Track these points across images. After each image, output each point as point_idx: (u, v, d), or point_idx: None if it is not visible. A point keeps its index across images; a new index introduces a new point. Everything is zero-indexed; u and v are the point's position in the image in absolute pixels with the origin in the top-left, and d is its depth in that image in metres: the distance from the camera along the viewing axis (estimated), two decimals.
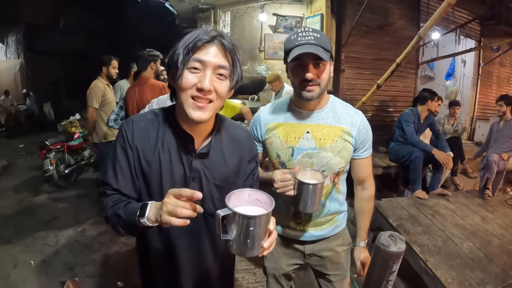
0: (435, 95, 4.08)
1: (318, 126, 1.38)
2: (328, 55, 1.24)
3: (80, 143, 5.56)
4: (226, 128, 1.13)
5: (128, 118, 1.10)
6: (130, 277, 2.84)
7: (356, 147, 1.42)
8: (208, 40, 0.92)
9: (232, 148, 1.12)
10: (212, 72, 0.93)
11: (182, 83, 0.93)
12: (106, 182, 1.02)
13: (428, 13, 5.23)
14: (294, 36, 1.26)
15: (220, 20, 6.51)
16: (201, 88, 0.92)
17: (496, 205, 3.55)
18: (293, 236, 1.52)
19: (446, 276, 2.29)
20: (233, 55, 0.96)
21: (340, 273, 1.58)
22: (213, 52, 0.93)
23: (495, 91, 6.90)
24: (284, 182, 1.24)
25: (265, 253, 0.85)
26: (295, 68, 1.29)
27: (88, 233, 3.72)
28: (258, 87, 6.85)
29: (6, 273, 2.94)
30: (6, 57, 14.08)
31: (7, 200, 4.72)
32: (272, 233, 0.86)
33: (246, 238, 0.78)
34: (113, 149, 1.04)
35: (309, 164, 1.38)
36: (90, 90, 3.80)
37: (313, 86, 1.27)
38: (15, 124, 10.56)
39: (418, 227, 2.98)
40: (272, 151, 1.44)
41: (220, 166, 1.08)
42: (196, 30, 0.95)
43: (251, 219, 0.77)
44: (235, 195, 0.86)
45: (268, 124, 1.45)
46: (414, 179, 3.83)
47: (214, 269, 1.19)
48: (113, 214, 0.95)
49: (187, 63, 0.92)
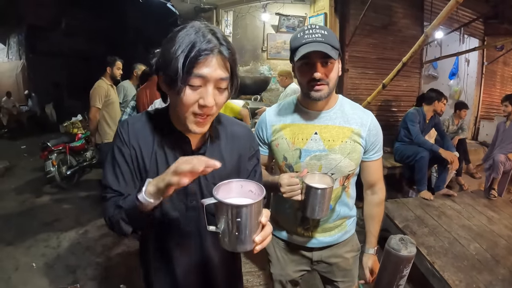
0: (442, 96, 4.05)
1: (326, 127, 1.33)
2: (336, 53, 1.20)
3: (82, 144, 5.55)
4: (223, 126, 1.10)
5: (123, 120, 1.08)
6: (132, 279, 2.81)
7: (367, 149, 1.37)
8: (208, 53, 0.85)
9: (231, 146, 1.09)
10: (213, 86, 0.89)
11: (184, 100, 0.88)
12: (107, 185, 0.99)
13: (432, 12, 5.18)
14: (301, 34, 1.21)
15: (223, 20, 6.48)
16: (204, 105, 0.88)
17: (502, 206, 3.52)
18: (300, 242, 1.47)
19: (454, 278, 2.26)
20: (233, 64, 0.92)
21: (348, 279, 1.53)
22: (214, 64, 0.86)
23: (499, 90, 6.85)
24: (291, 186, 1.19)
25: (257, 248, 0.80)
26: (302, 67, 1.25)
27: (91, 235, 3.70)
28: (260, 87, 6.82)
29: (8, 276, 2.93)
30: (8, 58, 14.12)
31: (9, 201, 4.71)
32: (266, 227, 0.81)
33: (233, 230, 0.75)
34: (110, 152, 1.02)
35: (317, 166, 1.33)
36: (94, 90, 3.79)
37: (321, 86, 1.22)
38: (17, 125, 10.58)
39: (425, 228, 2.95)
40: (278, 153, 1.39)
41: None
42: (188, 30, 0.87)
43: (237, 208, 0.74)
44: (225, 186, 0.83)
45: (274, 126, 1.40)
46: (419, 180, 3.80)
47: (219, 270, 1.16)
48: (113, 209, 0.92)
49: (189, 80, 0.86)
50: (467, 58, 6.93)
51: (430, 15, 5.12)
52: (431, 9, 5.30)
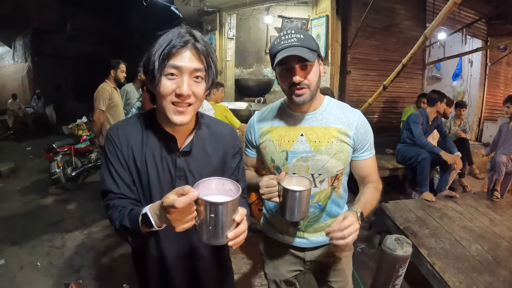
0: (445, 97, 4.05)
1: (312, 128, 1.34)
2: (314, 54, 1.20)
3: (87, 146, 5.59)
4: (207, 125, 1.15)
5: (112, 125, 1.12)
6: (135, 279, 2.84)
7: (355, 148, 1.36)
8: (181, 46, 0.93)
9: (215, 144, 1.14)
10: (189, 76, 0.95)
11: (161, 90, 0.95)
12: (107, 189, 1.03)
13: (434, 13, 5.19)
14: (278, 41, 1.23)
15: (226, 22, 6.52)
16: (180, 94, 0.94)
17: (505, 207, 3.51)
18: (293, 243, 1.48)
19: (454, 280, 2.26)
20: (207, 57, 0.97)
21: (341, 279, 1.53)
22: (187, 57, 0.94)
23: (503, 91, 6.83)
24: (269, 188, 1.20)
25: (230, 244, 0.85)
26: (282, 72, 1.26)
27: (95, 236, 3.74)
28: (264, 90, 6.86)
29: (13, 275, 2.97)
30: (13, 60, 14.27)
31: (14, 202, 4.76)
32: (240, 224, 0.86)
33: (208, 225, 0.81)
34: (104, 159, 1.06)
35: (304, 168, 1.34)
36: (97, 93, 3.83)
37: (302, 90, 1.23)
38: (22, 127, 10.66)
39: (426, 230, 2.96)
40: (266, 155, 1.41)
41: (203, 162, 1.10)
42: (169, 33, 0.96)
43: (212, 205, 0.79)
44: (206, 183, 0.88)
45: (261, 129, 1.42)
46: (421, 181, 3.79)
47: (208, 268, 1.21)
48: (120, 226, 0.96)
49: (164, 70, 0.93)
50: (471, 59, 6.92)
51: (432, 16, 5.12)
52: (433, 10, 5.32)
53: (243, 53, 7.17)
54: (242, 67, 7.22)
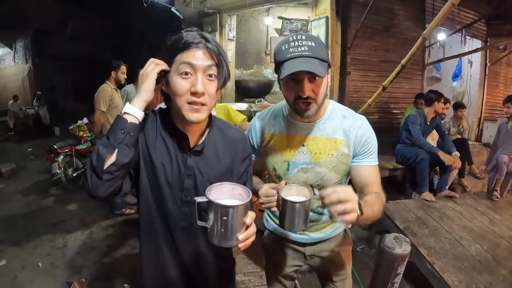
0: (442, 97, 4.06)
1: (314, 139, 1.31)
2: (325, 68, 1.13)
3: (88, 146, 5.60)
4: (219, 128, 1.17)
5: None
6: (136, 279, 2.85)
7: (354, 154, 1.31)
8: (195, 44, 0.97)
9: (226, 147, 1.16)
10: (203, 74, 0.98)
11: (177, 89, 0.98)
12: None
13: (433, 14, 5.18)
14: (285, 46, 1.13)
15: (226, 24, 6.52)
16: (195, 92, 0.97)
17: (505, 207, 3.52)
18: (294, 238, 1.50)
19: (453, 279, 2.28)
20: (219, 56, 1.00)
21: (341, 273, 1.55)
22: (200, 55, 0.98)
23: (503, 91, 6.82)
24: (268, 197, 1.17)
25: (240, 245, 0.87)
26: (288, 82, 1.18)
27: (96, 236, 3.75)
28: (264, 91, 6.86)
29: (14, 275, 2.98)
30: (14, 62, 14.30)
31: (16, 203, 4.78)
32: (250, 227, 0.89)
33: (220, 227, 0.84)
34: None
35: (304, 178, 1.35)
36: (98, 94, 3.84)
37: (309, 105, 1.17)
38: (23, 128, 10.68)
39: (425, 230, 2.97)
40: (269, 163, 1.41)
41: (214, 164, 1.12)
42: (183, 33, 1.00)
43: (224, 208, 0.83)
44: (218, 187, 0.92)
45: (263, 134, 1.41)
46: (421, 181, 3.81)
47: (210, 265, 1.22)
48: (101, 146, 0.94)
49: (179, 67, 0.98)
50: (470, 59, 6.91)
51: (432, 17, 5.11)
52: (432, 10, 5.32)
53: (243, 54, 7.18)
54: (242, 68, 7.23)
